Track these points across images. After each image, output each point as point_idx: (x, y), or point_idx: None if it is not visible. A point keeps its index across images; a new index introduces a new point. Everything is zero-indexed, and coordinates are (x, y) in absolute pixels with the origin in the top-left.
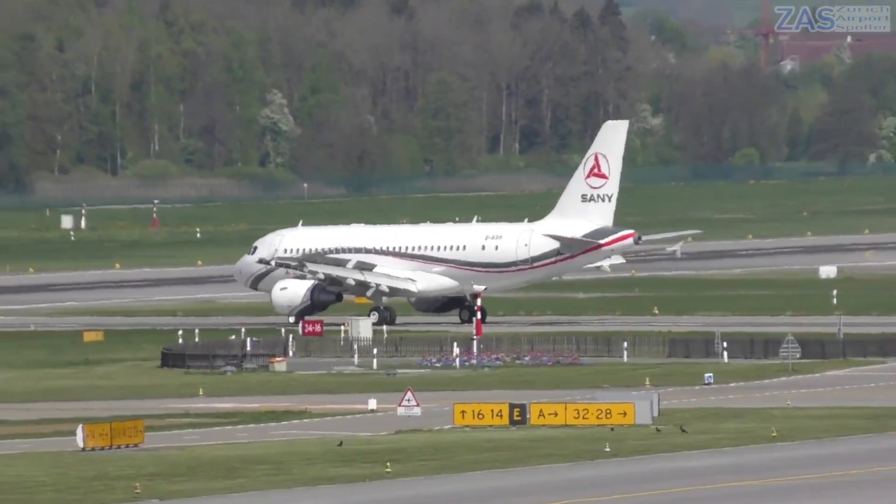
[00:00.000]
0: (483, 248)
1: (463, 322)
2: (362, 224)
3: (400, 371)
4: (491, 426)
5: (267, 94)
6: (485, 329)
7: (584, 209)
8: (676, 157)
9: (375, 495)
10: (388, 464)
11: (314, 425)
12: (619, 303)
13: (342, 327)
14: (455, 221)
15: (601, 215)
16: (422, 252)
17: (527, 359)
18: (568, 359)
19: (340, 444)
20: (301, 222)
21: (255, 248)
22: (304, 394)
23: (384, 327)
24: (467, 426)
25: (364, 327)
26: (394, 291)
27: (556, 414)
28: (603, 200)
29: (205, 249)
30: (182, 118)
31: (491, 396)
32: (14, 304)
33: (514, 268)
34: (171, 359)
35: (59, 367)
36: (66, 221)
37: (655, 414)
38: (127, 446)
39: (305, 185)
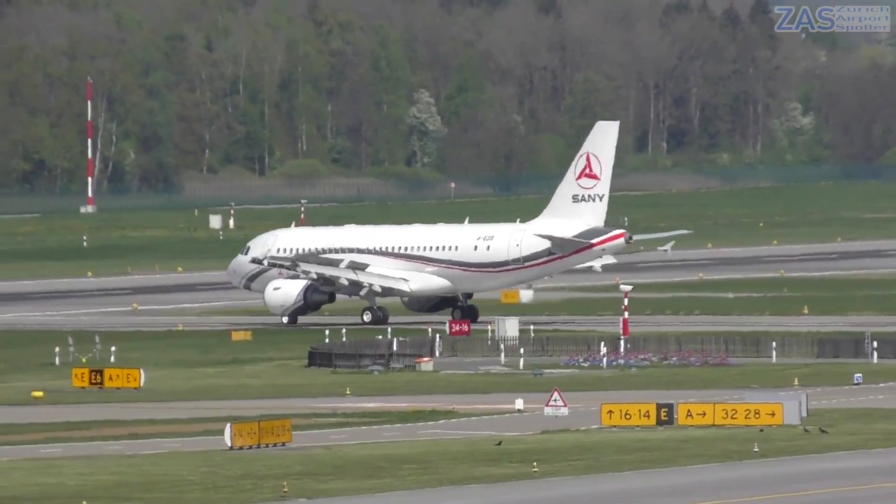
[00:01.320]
0: (475, 248)
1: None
2: (354, 224)
3: (547, 371)
4: (638, 426)
5: (414, 93)
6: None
7: (575, 209)
8: (826, 157)
9: (522, 495)
10: (535, 464)
11: (461, 425)
12: (768, 302)
13: (489, 327)
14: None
15: (592, 215)
16: (415, 252)
17: (674, 359)
18: (716, 359)
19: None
20: (294, 223)
21: (248, 248)
22: (451, 393)
23: (531, 327)
24: (614, 426)
25: (511, 327)
26: (387, 291)
27: (703, 414)
28: (594, 200)
29: None
30: (329, 117)
31: (638, 396)
32: (163, 304)
33: (505, 268)
34: (319, 358)
35: (207, 367)
36: (215, 221)
37: (804, 414)
38: (275, 445)
39: (452, 184)
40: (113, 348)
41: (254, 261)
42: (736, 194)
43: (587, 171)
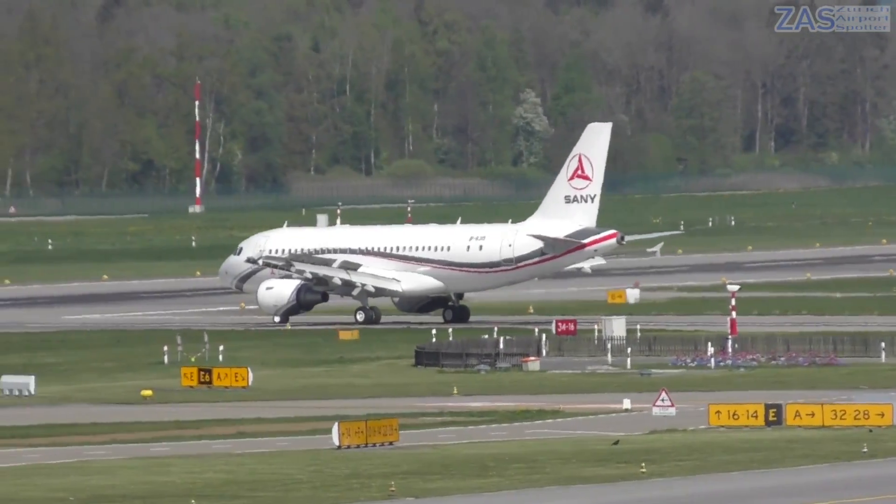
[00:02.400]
0: (467, 248)
1: (446, 322)
2: (347, 225)
3: (654, 371)
4: (746, 426)
5: (520, 93)
6: (737, 329)
7: (567, 210)
8: None
9: (630, 495)
10: (643, 464)
11: (567, 424)
12: (876, 302)
13: (595, 326)
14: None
15: (585, 216)
16: (407, 252)
17: (782, 359)
18: (824, 359)
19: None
20: (286, 223)
21: (241, 248)
22: (558, 393)
23: (638, 326)
24: (722, 426)
25: (618, 326)
26: (379, 291)
27: (812, 415)
28: (586, 201)
29: None
30: (435, 118)
31: (746, 397)
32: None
33: (497, 268)
34: (425, 357)
35: (314, 366)
36: (322, 221)
37: None
38: (382, 444)
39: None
40: (221, 347)
41: (249, 261)
42: (844, 193)
43: (579, 172)
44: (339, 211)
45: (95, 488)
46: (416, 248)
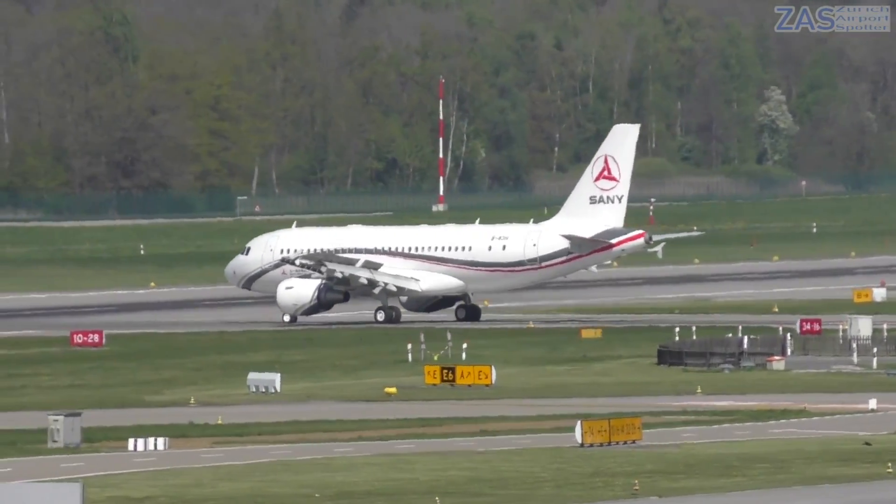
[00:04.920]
0: (489, 248)
1: (458, 320)
2: (359, 225)
3: None
4: None
5: (765, 90)
6: None
7: (592, 210)
8: None
9: (876, 495)
10: (889, 464)
11: (812, 424)
12: None
13: (841, 326)
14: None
15: (612, 216)
16: (428, 252)
17: None
18: None
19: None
20: (294, 223)
21: (249, 248)
22: (803, 392)
23: (884, 326)
24: None
25: (864, 326)
26: (400, 291)
27: None
28: (613, 202)
29: (701, 248)
30: (679, 116)
31: None
32: (512, 301)
33: (521, 268)
34: (668, 356)
35: (557, 364)
36: None
37: None
38: (625, 443)
39: (803, 182)
40: (464, 346)
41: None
42: None
43: (605, 173)
44: None
45: (340, 485)
46: (438, 248)
